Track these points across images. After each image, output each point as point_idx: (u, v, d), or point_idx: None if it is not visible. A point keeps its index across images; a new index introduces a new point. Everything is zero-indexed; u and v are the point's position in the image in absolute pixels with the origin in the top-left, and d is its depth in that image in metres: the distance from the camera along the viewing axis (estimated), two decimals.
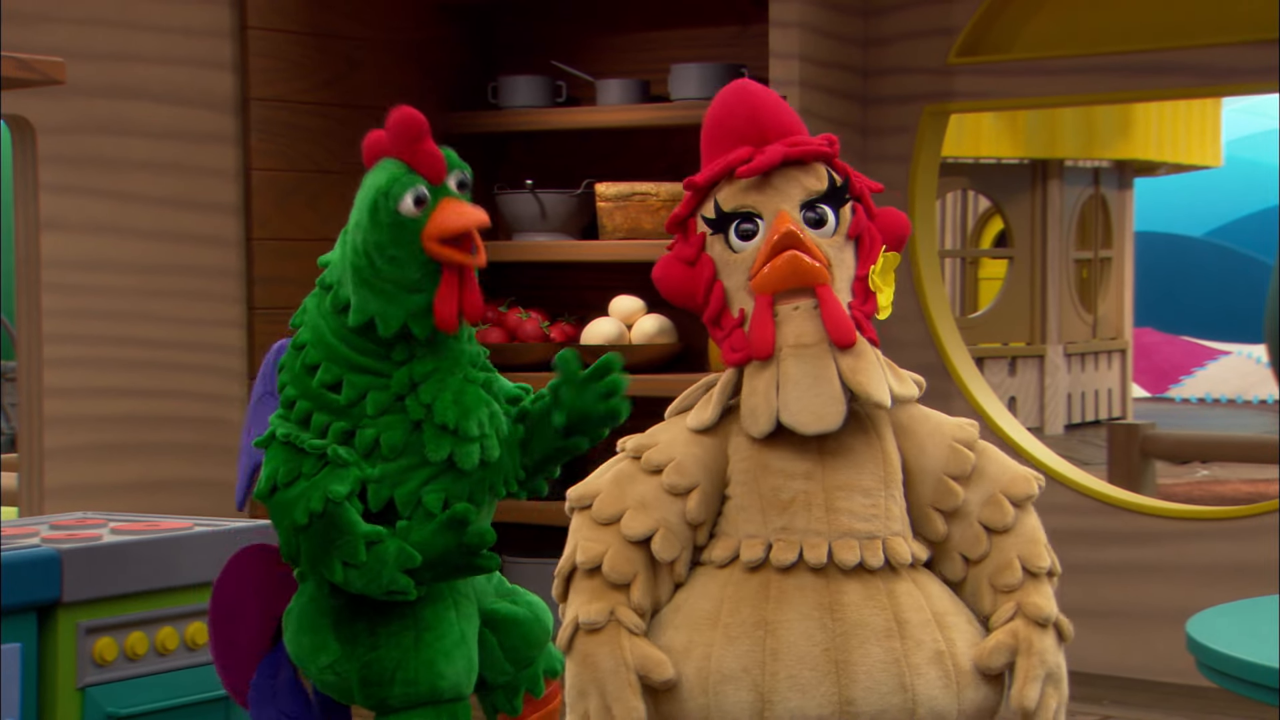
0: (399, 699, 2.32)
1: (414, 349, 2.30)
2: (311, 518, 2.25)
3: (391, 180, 2.27)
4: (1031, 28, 4.10)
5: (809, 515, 1.86)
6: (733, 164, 1.91)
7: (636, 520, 1.87)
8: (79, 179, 3.86)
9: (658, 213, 4.29)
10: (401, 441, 2.29)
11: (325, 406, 2.31)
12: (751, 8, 4.33)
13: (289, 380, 2.35)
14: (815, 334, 1.86)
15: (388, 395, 2.29)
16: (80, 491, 3.76)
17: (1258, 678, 2.20)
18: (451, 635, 2.35)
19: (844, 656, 1.82)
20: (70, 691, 2.49)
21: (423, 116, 2.28)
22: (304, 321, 2.37)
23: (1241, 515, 3.89)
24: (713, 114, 1.98)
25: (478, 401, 2.31)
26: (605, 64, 4.54)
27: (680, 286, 1.94)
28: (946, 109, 4.16)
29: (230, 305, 4.11)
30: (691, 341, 4.43)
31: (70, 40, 3.79)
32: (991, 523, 1.91)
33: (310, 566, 2.29)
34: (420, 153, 2.28)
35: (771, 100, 1.96)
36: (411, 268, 2.27)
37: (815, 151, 1.91)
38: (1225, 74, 3.88)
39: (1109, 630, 3.97)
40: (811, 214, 1.90)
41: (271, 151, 4.17)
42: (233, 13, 4.10)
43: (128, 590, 2.56)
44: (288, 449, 2.31)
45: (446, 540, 2.27)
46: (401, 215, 2.25)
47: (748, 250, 1.89)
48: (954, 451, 1.91)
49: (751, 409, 1.87)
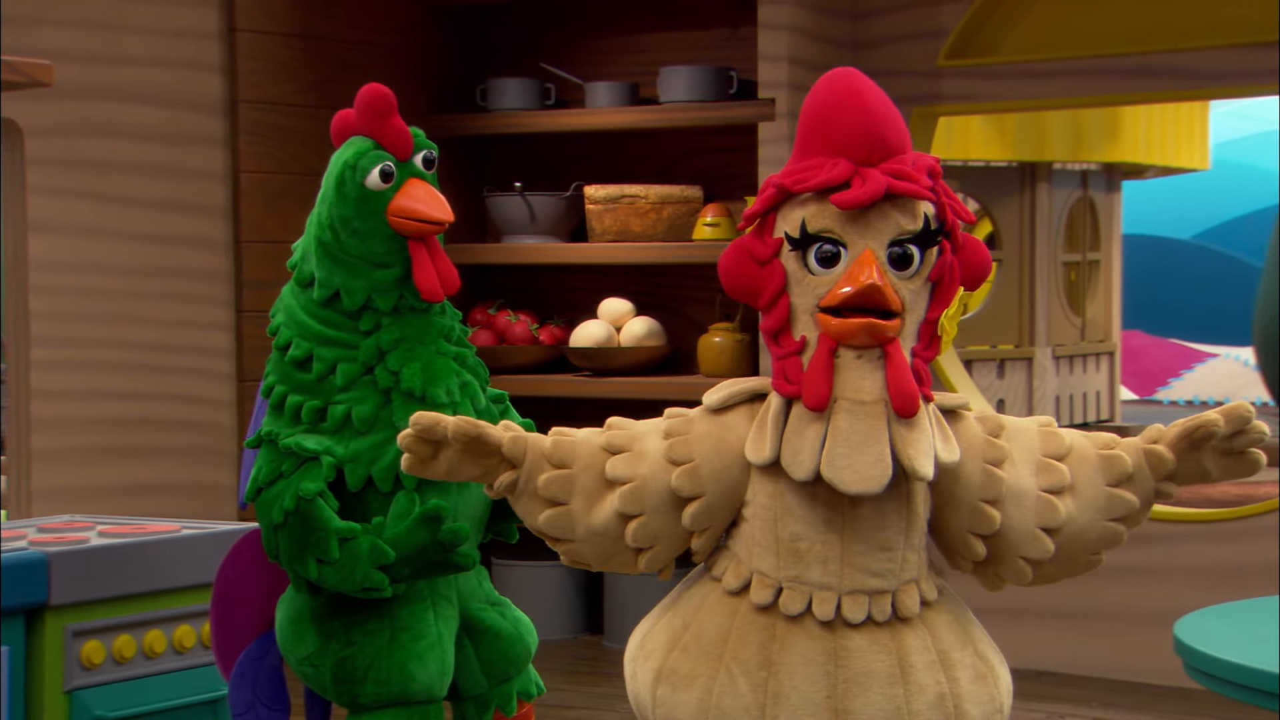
0: (370, 698, 2.32)
1: (380, 319, 2.32)
2: (286, 516, 2.27)
3: (358, 154, 2.30)
4: (1020, 31, 4.11)
5: (824, 569, 1.82)
6: (829, 183, 1.79)
7: (624, 500, 1.85)
8: (67, 181, 3.85)
9: (647, 215, 4.28)
10: (372, 413, 2.30)
11: (298, 386, 2.33)
12: (740, 10, 4.33)
13: (269, 369, 2.38)
14: (875, 391, 1.78)
15: (356, 366, 2.32)
16: (68, 494, 3.75)
17: (1246, 680, 2.20)
18: (427, 636, 2.35)
19: (845, 705, 1.80)
20: (58, 694, 2.49)
21: (390, 92, 2.30)
22: (279, 308, 2.39)
23: (1230, 518, 3.90)
24: (817, 108, 1.84)
25: (446, 371, 2.33)
26: (594, 66, 4.54)
27: (746, 283, 1.84)
28: (935, 111, 4.16)
29: (218, 308, 4.11)
30: (680, 344, 4.42)
31: (58, 43, 3.78)
32: (1053, 485, 1.86)
33: (288, 564, 2.30)
34: (388, 128, 2.30)
35: (883, 109, 1.83)
36: (376, 240, 2.30)
37: (919, 194, 1.79)
38: (1213, 77, 3.88)
39: (1098, 632, 3.98)
40: (898, 250, 1.79)
41: (260, 154, 4.16)
42: (221, 15, 4.10)
43: (115, 593, 2.56)
44: (271, 448, 2.33)
45: (420, 536, 2.27)
46: (368, 189, 2.28)
47: (825, 276, 1.79)
48: (987, 475, 1.86)
49: (795, 451, 1.80)
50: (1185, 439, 1.87)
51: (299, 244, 2.41)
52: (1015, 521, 1.86)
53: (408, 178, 2.31)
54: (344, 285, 2.32)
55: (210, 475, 4.07)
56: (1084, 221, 10.92)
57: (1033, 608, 3.88)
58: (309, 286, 2.35)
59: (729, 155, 4.42)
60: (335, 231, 2.31)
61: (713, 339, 4.22)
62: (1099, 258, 11.14)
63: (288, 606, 2.39)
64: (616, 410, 2.43)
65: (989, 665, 1.89)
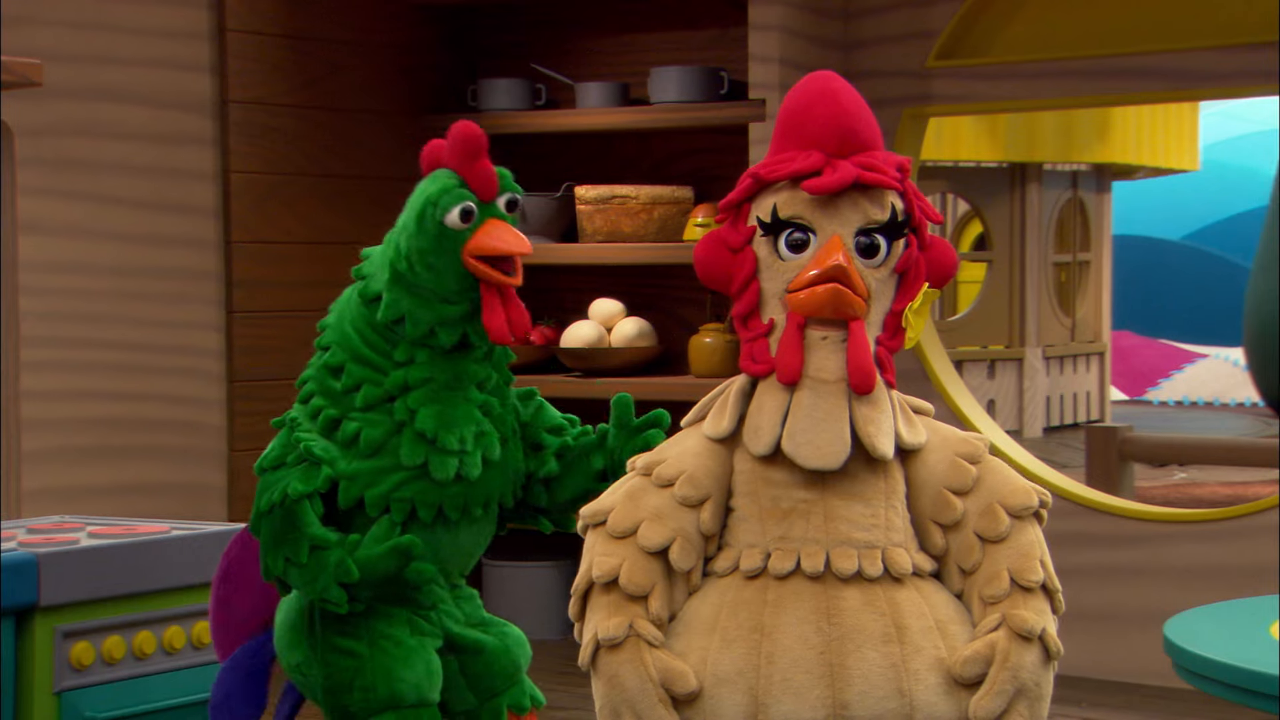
0: (359, 705, 2.33)
1: (415, 354, 2.33)
2: (271, 507, 2.29)
3: (442, 191, 2.31)
4: (1010, 31, 4.11)
5: (807, 524, 1.85)
6: (801, 172, 1.87)
7: (653, 530, 1.86)
8: (57, 182, 3.85)
9: (637, 215, 4.28)
10: (380, 439, 2.32)
11: (325, 390, 2.36)
12: (731, 11, 4.34)
13: (310, 365, 2.41)
14: (836, 370, 1.84)
15: (379, 391, 2.33)
16: (58, 495, 3.75)
17: (1235, 680, 2.21)
18: (407, 643, 2.36)
19: (839, 660, 1.81)
20: (47, 696, 2.48)
21: (483, 133, 2.32)
22: (335, 309, 2.42)
23: (1219, 518, 3.90)
24: (794, 105, 1.92)
25: (466, 419, 2.34)
26: (585, 67, 4.54)
27: (718, 270, 1.92)
28: (925, 112, 4.16)
29: (208, 308, 4.10)
30: (671, 345, 4.42)
31: (47, 42, 3.78)
32: (985, 532, 1.87)
33: (262, 553, 2.33)
34: (475, 169, 2.32)
35: (855, 106, 1.90)
36: (449, 278, 2.31)
37: (887, 184, 1.87)
38: (1203, 78, 3.89)
39: (1087, 632, 3.98)
40: (865, 240, 1.87)
41: (250, 154, 4.16)
42: (211, 15, 4.09)
43: (105, 594, 2.56)
44: (288, 434, 2.36)
45: (388, 565, 2.29)
46: (446, 226, 2.30)
47: (794, 261, 1.87)
48: (955, 466, 1.89)
49: (756, 427, 1.87)
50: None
51: (372, 253, 2.41)
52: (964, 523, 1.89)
53: (487, 218, 2.32)
54: (410, 313, 2.33)
55: (200, 476, 4.07)
56: (1074, 222, 10.94)
57: None
58: (373, 303, 2.36)
59: (720, 156, 4.42)
60: (410, 263, 2.32)
61: (704, 339, 4.22)
62: (1089, 258, 11.16)
63: (286, 611, 2.41)
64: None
65: None
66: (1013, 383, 10.67)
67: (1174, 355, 13.29)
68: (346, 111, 4.35)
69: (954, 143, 9.47)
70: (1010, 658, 1.83)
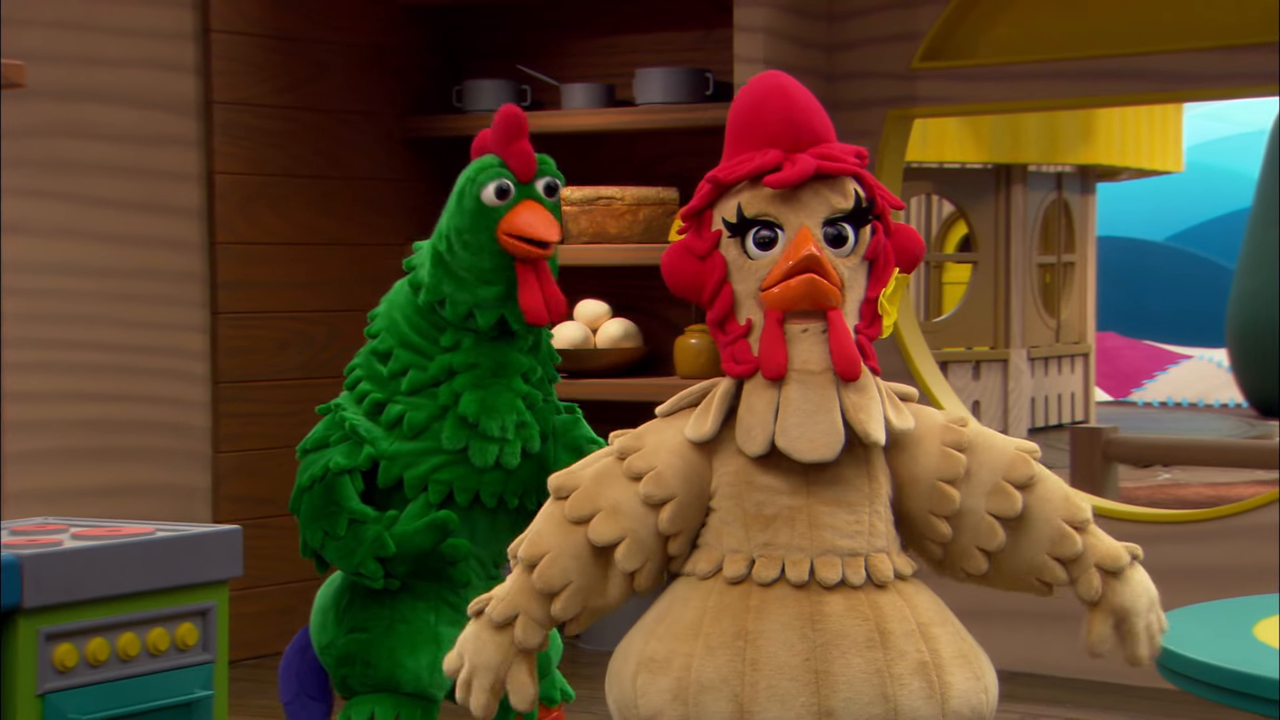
0: (358, 680, 2.36)
1: (461, 339, 2.36)
2: (313, 481, 2.34)
3: (480, 169, 2.37)
4: (995, 33, 4.12)
5: (792, 531, 1.85)
6: (761, 169, 1.87)
7: (605, 526, 1.86)
8: (41, 183, 3.84)
9: (622, 217, 4.29)
10: (424, 422, 2.37)
11: (373, 376, 2.40)
12: (716, 12, 4.34)
13: (359, 355, 2.46)
14: (821, 361, 1.84)
15: (425, 376, 2.38)
16: (41, 496, 3.74)
17: (1219, 680, 2.22)
18: (424, 632, 2.38)
19: (824, 667, 1.81)
20: (30, 698, 2.48)
21: (524, 116, 2.38)
22: (386, 300, 2.47)
23: (1203, 519, 3.91)
24: (744, 106, 1.93)
25: (509, 407, 2.38)
26: (570, 68, 4.54)
27: (688, 280, 1.91)
28: (910, 113, 4.17)
29: (193, 309, 4.10)
30: (657, 346, 4.43)
31: (31, 43, 3.77)
32: (1002, 512, 1.90)
33: (302, 528, 2.38)
34: (514, 149, 2.37)
35: (806, 101, 1.91)
36: (485, 256, 2.35)
37: (848, 170, 1.88)
38: (1188, 80, 3.90)
39: (1072, 632, 3.98)
40: (832, 230, 1.87)
41: (235, 155, 4.15)
42: (195, 16, 4.09)
43: (89, 596, 2.55)
44: (332, 418, 2.41)
45: (424, 541, 2.32)
46: (483, 203, 2.34)
47: (764, 259, 1.86)
48: (945, 456, 1.90)
49: (748, 428, 1.86)
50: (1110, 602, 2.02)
51: (422, 245, 2.45)
52: (971, 506, 1.90)
53: (524, 199, 2.35)
54: (450, 295, 2.37)
55: (185, 477, 4.06)
56: (1059, 223, 10.96)
57: (1005, 608, 3.89)
58: (418, 290, 2.41)
59: (705, 157, 4.40)
60: (449, 241, 2.37)
61: (689, 340, 4.23)
62: (1074, 259, 11.18)
63: (320, 598, 2.47)
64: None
65: (970, 646, 1.91)
66: (997, 384, 10.68)
67: (1158, 356, 13.32)
68: (332, 112, 4.35)
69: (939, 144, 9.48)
70: (1129, 603, 2.00)
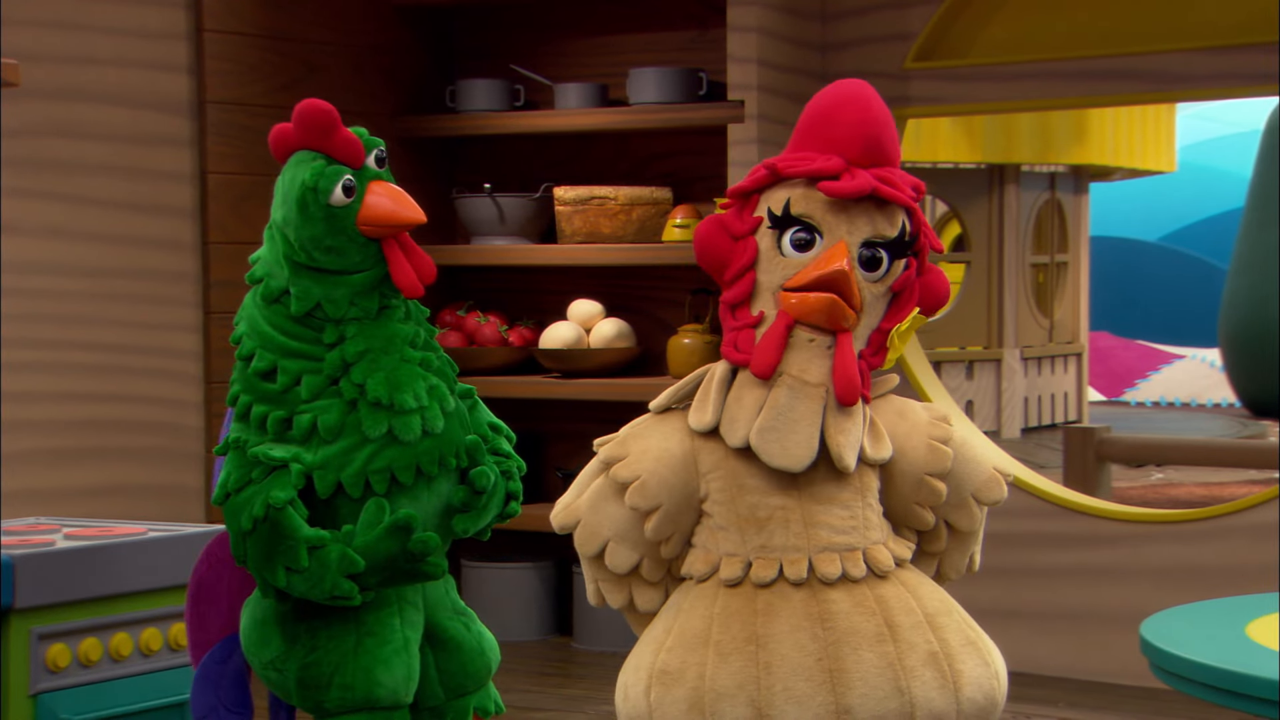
0: (335, 703, 2.32)
1: (344, 331, 2.33)
2: (255, 523, 2.26)
3: (316, 175, 2.30)
4: (987, 33, 4.12)
5: (787, 532, 1.86)
6: (820, 173, 1.87)
7: (619, 556, 1.90)
8: (34, 182, 3.83)
9: (616, 216, 4.28)
10: (338, 422, 2.31)
11: (262, 396, 2.33)
12: (709, 13, 4.34)
13: (234, 378, 2.38)
14: (819, 374, 1.86)
15: (321, 379, 2.32)
16: (34, 496, 3.73)
17: (1211, 680, 2.22)
18: (393, 642, 2.34)
19: (837, 665, 1.82)
20: (23, 698, 2.48)
21: (331, 107, 2.31)
22: (242, 317, 2.40)
23: (1196, 518, 3.92)
24: (821, 106, 1.92)
25: (412, 376, 2.34)
26: (563, 68, 4.54)
27: (716, 255, 1.92)
28: (903, 114, 4.17)
29: (186, 309, 4.09)
30: (650, 345, 4.43)
31: (25, 43, 3.76)
32: (960, 525, 1.95)
33: (256, 571, 2.29)
34: (335, 142, 2.32)
35: (883, 119, 1.91)
36: (351, 251, 2.32)
37: (902, 201, 1.88)
38: (1180, 80, 3.90)
39: (1064, 632, 3.99)
40: (869, 253, 1.88)
41: (228, 155, 4.15)
42: (188, 16, 4.08)
43: (81, 596, 2.55)
44: (239, 455, 2.32)
45: (390, 546, 2.28)
46: (333, 207, 2.29)
47: (795, 260, 1.87)
48: (933, 450, 1.92)
49: (732, 418, 1.87)
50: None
51: (259, 256, 2.41)
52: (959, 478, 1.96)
53: (367, 183, 2.32)
54: (325, 297, 2.33)
55: (177, 477, 4.06)
56: (1052, 223, 10.96)
57: (997, 608, 3.90)
58: (277, 301, 2.35)
59: (698, 157, 4.42)
60: (308, 252, 2.32)
61: (682, 340, 4.23)
62: (1067, 259, 11.18)
63: (253, 610, 2.38)
64: (586, 411, 2.43)
65: (977, 632, 1.92)
66: (991, 383, 10.69)
67: (1151, 356, 13.33)
68: None
69: (932, 144, 9.49)
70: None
